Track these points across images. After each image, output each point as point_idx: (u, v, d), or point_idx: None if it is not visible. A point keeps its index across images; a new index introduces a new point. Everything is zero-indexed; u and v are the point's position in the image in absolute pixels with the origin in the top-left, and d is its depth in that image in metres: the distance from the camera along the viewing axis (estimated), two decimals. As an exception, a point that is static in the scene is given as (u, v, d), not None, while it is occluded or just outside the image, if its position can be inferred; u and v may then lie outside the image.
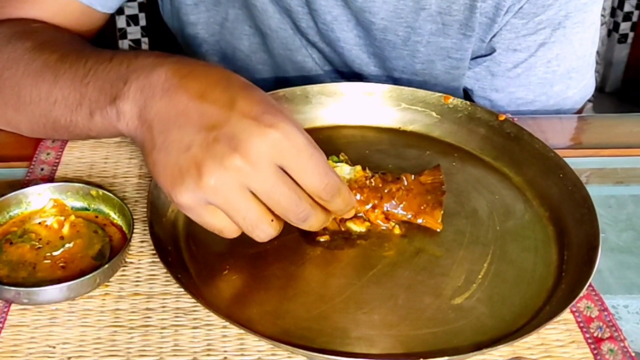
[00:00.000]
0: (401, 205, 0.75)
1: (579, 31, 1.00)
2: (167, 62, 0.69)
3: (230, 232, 0.66)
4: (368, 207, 0.75)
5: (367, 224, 0.75)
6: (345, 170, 0.76)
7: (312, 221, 0.67)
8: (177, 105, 0.66)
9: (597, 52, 2.21)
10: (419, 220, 0.75)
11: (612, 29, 2.84)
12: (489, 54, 1.02)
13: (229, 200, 0.63)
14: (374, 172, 0.77)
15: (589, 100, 1.12)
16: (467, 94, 1.08)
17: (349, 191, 0.69)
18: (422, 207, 0.75)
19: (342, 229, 0.75)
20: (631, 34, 2.78)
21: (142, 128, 0.68)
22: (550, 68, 1.02)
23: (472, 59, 1.03)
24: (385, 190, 0.75)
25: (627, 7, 2.73)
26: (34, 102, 0.80)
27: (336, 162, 0.77)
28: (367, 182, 0.76)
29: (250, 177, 0.62)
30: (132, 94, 0.69)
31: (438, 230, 0.75)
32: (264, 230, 0.66)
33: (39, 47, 0.82)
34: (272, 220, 0.65)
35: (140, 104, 0.68)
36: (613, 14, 2.81)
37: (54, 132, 0.82)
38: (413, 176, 0.77)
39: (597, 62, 2.25)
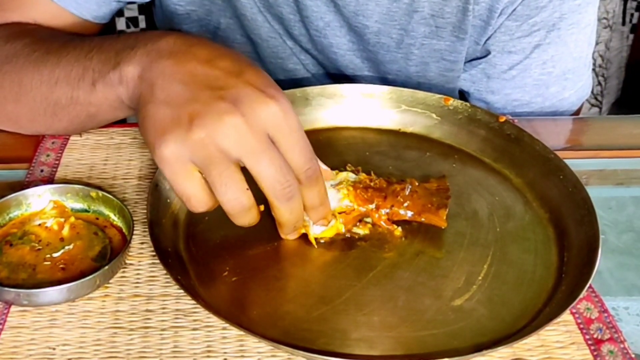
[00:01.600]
0: (405, 204, 0.75)
1: (574, 32, 1.00)
2: (175, 33, 0.71)
3: (197, 202, 0.66)
4: (372, 206, 0.75)
5: (370, 226, 0.75)
6: (350, 176, 0.76)
7: (295, 203, 0.67)
8: (185, 66, 0.67)
9: (601, 56, 2.21)
10: (423, 219, 0.75)
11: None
12: (484, 57, 1.02)
13: (212, 155, 0.63)
14: (379, 177, 0.77)
15: (597, 107, 1.12)
16: (463, 97, 1.08)
17: (326, 192, 0.70)
18: (427, 207, 0.75)
19: (347, 234, 0.75)
20: (631, 36, 2.78)
21: (142, 85, 0.69)
22: (546, 70, 1.02)
23: (468, 61, 1.03)
24: (390, 190, 0.75)
25: (630, 10, 2.73)
26: (35, 87, 0.80)
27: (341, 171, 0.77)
28: (372, 183, 0.76)
29: (244, 137, 0.63)
30: (137, 57, 0.70)
31: (443, 227, 0.75)
32: (237, 197, 0.64)
33: (38, 41, 0.83)
34: (247, 189, 0.65)
35: (144, 65, 0.69)
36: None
37: (53, 117, 0.82)
38: (418, 182, 0.77)
39: (601, 66, 2.23)
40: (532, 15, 0.97)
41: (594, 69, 2.07)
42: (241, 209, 0.65)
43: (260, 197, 0.66)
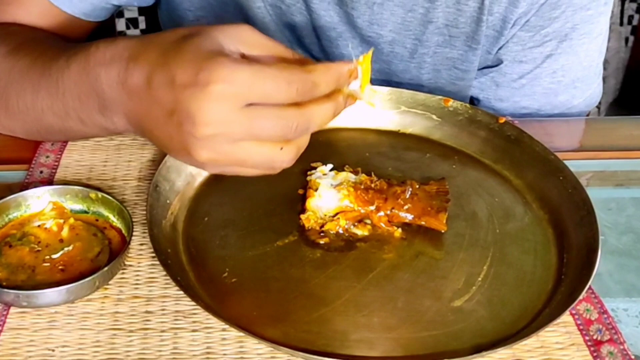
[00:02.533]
0: (406, 207, 0.75)
1: (585, 42, 1.00)
2: (116, 64, 0.67)
3: (264, 165, 0.65)
4: (372, 208, 0.75)
5: (369, 227, 0.75)
6: (351, 177, 0.76)
7: (316, 119, 0.63)
8: (141, 104, 0.65)
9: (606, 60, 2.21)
10: (423, 222, 0.75)
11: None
12: (495, 65, 1.02)
13: (230, 163, 0.64)
14: (379, 178, 0.77)
15: (596, 107, 1.12)
16: (473, 104, 1.07)
17: (325, 66, 0.64)
18: (427, 210, 0.75)
19: (346, 235, 0.75)
20: (631, 38, 2.78)
21: (134, 129, 0.69)
22: (556, 78, 1.02)
23: (478, 69, 1.03)
24: (391, 192, 0.75)
25: (629, 11, 2.73)
26: (23, 111, 0.80)
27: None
28: (372, 184, 0.76)
29: (228, 133, 0.62)
30: (115, 103, 0.68)
31: (443, 231, 0.75)
32: (282, 160, 0.64)
33: (12, 51, 0.82)
34: (282, 149, 0.63)
35: (124, 112, 0.68)
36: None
37: (49, 136, 0.83)
38: (418, 185, 0.77)
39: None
40: (545, 26, 0.97)
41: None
42: (292, 158, 0.65)
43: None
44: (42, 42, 0.85)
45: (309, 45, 1.03)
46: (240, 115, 0.61)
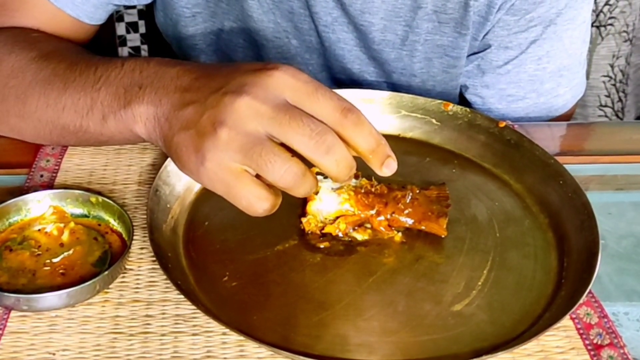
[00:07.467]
0: (406, 211, 0.75)
1: (569, 28, 1.01)
2: (179, 65, 0.72)
3: (258, 200, 0.65)
4: (372, 212, 0.75)
5: (370, 231, 0.75)
6: (351, 181, 0.76)
7: (338, 153, 0.64)
8: (188, 91, 0.69)
9: (622, 71, 2.20)
10: (423, 227, 0.75)
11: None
12: (481, 51, 1.03)
13: (244, 144, 0.63)
14: (380, 182, 0.77)
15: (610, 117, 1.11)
16: (461, 91, 1.08)
17: (370, 123, 0.66)
18: (427, 215, 0.75)
19: (346, 239, 0.75)
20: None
21: (158, 123, 0.70)
22: (541, 65, 1.03)
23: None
24: (391, 197, 0.75)
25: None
26: (41, 110, 0.80)
27: None
28: (373, 189, 0.76)
29: (260, 111, 0.63)
30: (147, 96, 0.71)
31: (443, 236, 0.75)
32: (286, 168, 0.63)
33: (44, 56, 0.83)
34: (293, 156, 0.64)
35: (155, 104, 0.70)
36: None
37: (60, 139, 0.83)
38: (419, 190, 0.77)
39: (621, 82, 2.22)
40: (529, 10, 0.98)
41: (614, 85, 2.06)
42: (295, 178, 0.64)
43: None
44: (79, 51, 0.88)
45: (308, 31, 1.04)
46: (283, 104, 0.64)
